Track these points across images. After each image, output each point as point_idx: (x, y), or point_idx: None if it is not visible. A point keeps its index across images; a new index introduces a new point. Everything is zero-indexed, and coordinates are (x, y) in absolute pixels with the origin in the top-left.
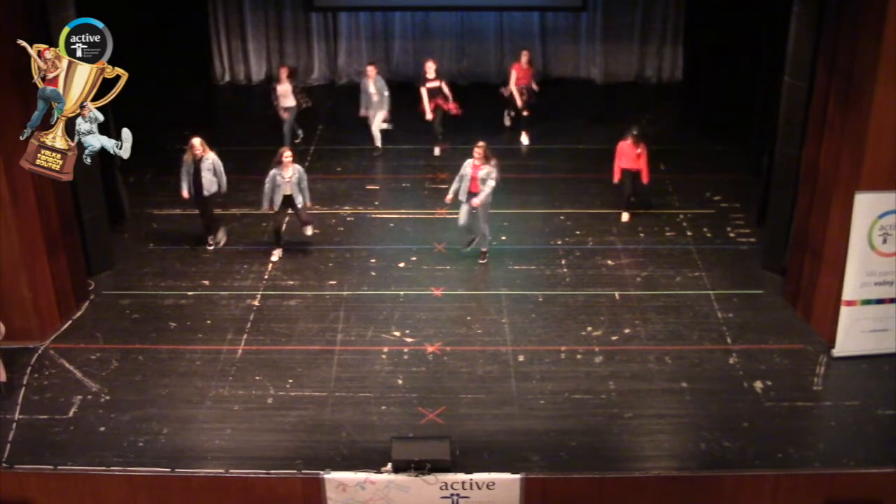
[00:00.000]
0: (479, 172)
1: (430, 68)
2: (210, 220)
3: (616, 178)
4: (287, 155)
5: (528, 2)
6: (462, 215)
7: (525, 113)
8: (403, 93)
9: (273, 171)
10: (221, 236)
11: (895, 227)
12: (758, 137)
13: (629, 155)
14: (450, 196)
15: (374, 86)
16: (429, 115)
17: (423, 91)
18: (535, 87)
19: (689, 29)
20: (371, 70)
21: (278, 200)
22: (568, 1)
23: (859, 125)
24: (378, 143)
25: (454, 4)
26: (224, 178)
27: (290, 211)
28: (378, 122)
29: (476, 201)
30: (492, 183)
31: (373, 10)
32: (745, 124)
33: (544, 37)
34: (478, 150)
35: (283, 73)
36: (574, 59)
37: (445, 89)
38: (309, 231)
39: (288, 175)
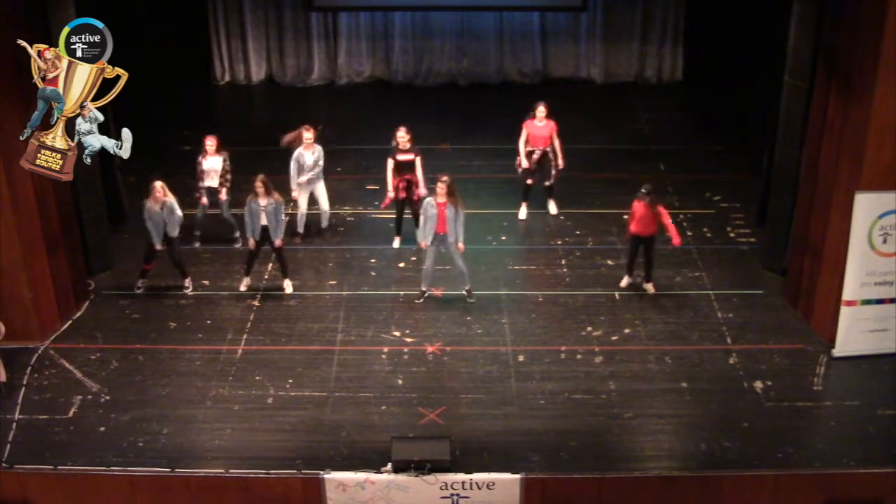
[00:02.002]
0: (446, 211)
1: (403, 138)
2: (181, 264)
3: (627, 236)
4: (258, 184)
5: (528, 2)
6: (429, 259)
7: (546, 183)
8: (403, 93)
9: (248, 199)
10: (189, 283)
11: (895, 227)
12: (758, 137)
13: (644, 217)
14: (423, 242)
15: (312, 155)
16: (390, 193)
17: (391, 163)
18: (559, 159)
19: (689, 29)
20: (308, 136)
21: (258, 231)
22: (568, 1)
23: (859, 125)
24: (325, 222)
25: (454, 4)
26: (176, 222)
27: (266, 245)
28: (325, 200)
29: (461, 245)
30: (462, 220)
31: (373, 10)
32: (745, 124)
33: (544, 37)
34: (441, 187)
35: (211, 143)
36: (574, 59)
37: (419, 166)
38: (289, 288)
39: (263, 203)
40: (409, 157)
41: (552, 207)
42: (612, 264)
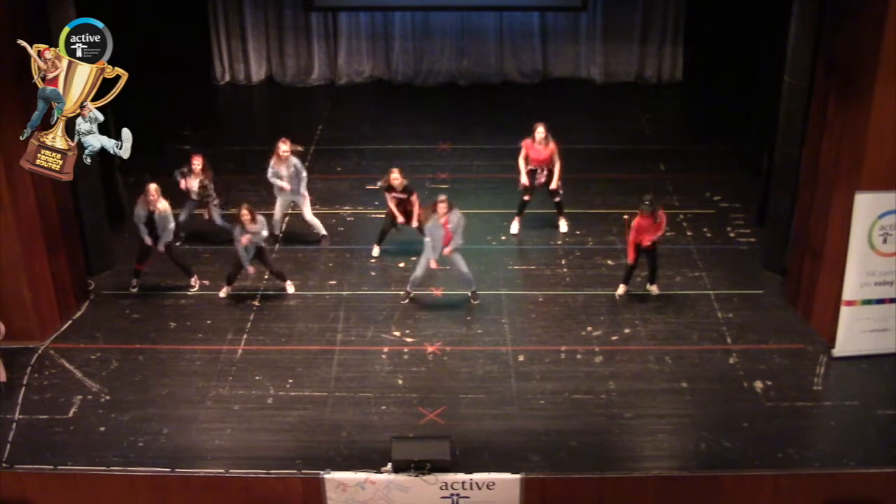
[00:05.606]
0: (449, 226)
1: (397, 179)
2: (183, 264)
3: (630, 259)
4: (244, 213)
5: (528, 2)
6: (420, 269)
7: (556, 199)
8: (403, 93)
9: (235, 230)
10: (196, 281)
11: (895, 227)
12: (758, 137)
13: (647, 227)
14: (434, 264)
15: (287, 169)
16: (400, 219)
17: (389, 199)
18: (556, 179)
19: (689, 29)
20: (284, 148)
21: (251, 256)
22: (568, 1)
23: (859, 125)
24: (322, 230)
25: (454, 4)
26: (170, 233)
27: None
28: (308, 210)
29: (447, 249)
30: (462, 230)
31: (373, 10)
32: (745, 124)
33: (544, 37)
34: (441, 206)
35: (197, 162)
36: (574, 59)
37: (415, 202)
38: (290, 288)
39: (254, 229)
40: (404, 196)
41: (563, 226)
42: (613, 264)
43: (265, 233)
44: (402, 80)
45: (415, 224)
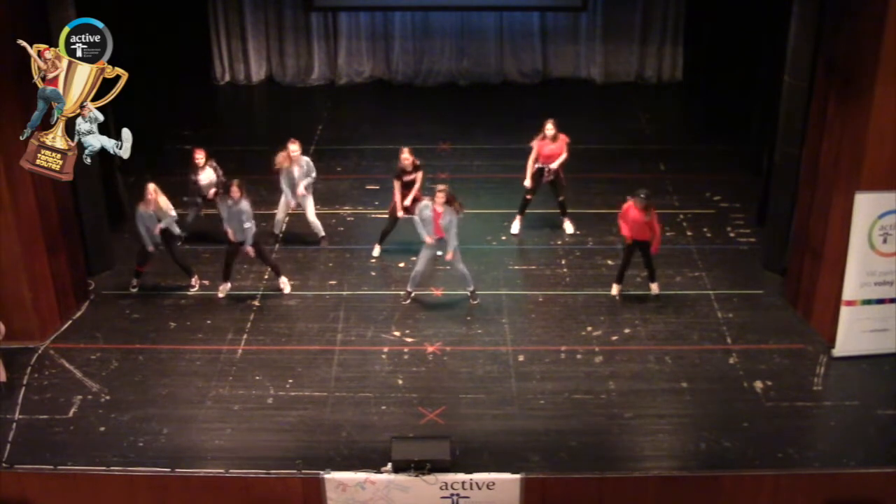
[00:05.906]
0: (441, 220)
1: (408, 159)
2: (183, 263)
3: (627, 239)
4: (234, 189)
5: (528, 2)
6: (420, 263)
7: (560, 198)
8: (403, 93)
9: (222, 200)
10: (196, 281)
11: (895, 227)
12: (758, 137)
13: (637, 221)
14: (429, 238)
15: (299, 168)
16: (400, 213)
17: (398, 185)
18: (557, 163)
19: (689, 29)
20: (295, 149)
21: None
22: (568, 1)
23: (859, 125)
24: (321, 231)
25: (454, 4)
26: (172, 221)
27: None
28: (311, 210)
29: (449, 255)
30: (455, 231)
31: (373, 10)
32: (745, 124)
33: (544, 37)
34: (440, 195)
35: (200, 156)
36: (574, 59)
37: (418, 181)
38: (286, 287)
39: (241, 206)
40: (413, 176)
41: (568, 227)
42: (612, 264)
43: (248, 224)
44: (402, 80)
45: (408, 202)
